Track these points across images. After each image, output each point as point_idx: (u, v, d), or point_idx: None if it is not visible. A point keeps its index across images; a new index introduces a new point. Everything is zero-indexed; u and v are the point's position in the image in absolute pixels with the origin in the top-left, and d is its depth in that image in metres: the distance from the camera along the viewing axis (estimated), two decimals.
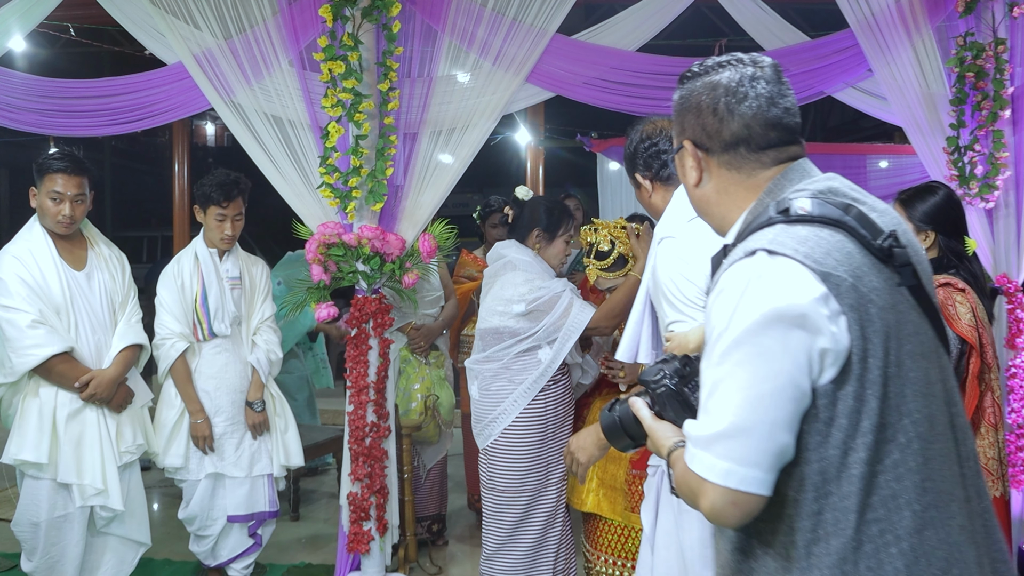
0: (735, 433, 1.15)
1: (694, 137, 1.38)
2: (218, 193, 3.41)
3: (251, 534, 3.59)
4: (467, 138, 3.53)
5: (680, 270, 2.03)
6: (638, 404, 1.44)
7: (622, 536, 3.07)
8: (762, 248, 1.19)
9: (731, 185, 1.37)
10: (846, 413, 1.15)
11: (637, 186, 2.35)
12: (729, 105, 1.33)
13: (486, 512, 3.22)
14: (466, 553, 4.22)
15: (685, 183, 1.44)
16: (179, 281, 3.42)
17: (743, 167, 1.35)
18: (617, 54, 3.61)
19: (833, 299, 1.14)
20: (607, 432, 1.53)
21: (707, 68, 1.38)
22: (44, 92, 3.80)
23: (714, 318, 1.21)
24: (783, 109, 1.34)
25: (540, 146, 6.33)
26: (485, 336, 3.19)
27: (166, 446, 3.41)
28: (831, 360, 1.14)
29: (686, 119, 1.39)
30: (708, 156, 1.37)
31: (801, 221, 1.21)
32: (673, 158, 2.27)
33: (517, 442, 3.10)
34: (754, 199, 1.34)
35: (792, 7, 3.96)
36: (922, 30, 3.54)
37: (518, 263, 3.17)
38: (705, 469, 1.17)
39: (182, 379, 3.41)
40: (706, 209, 1.43)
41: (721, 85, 1.34)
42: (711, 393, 1.19)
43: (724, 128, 1.34)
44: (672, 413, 1.37)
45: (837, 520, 1.15)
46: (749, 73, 1.34)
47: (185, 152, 6.58)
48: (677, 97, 1.42)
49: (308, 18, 3.39)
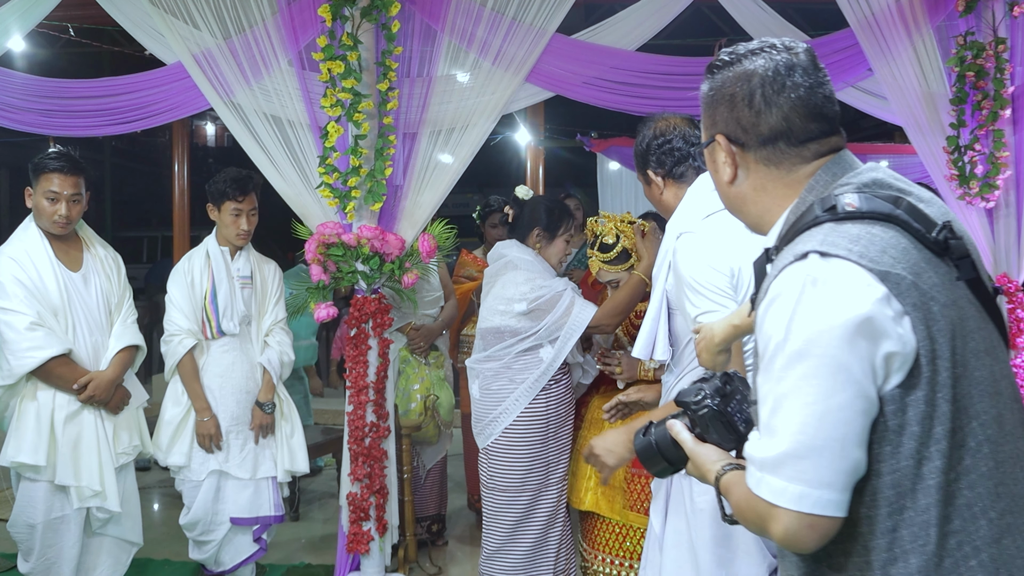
0: (805, 453, 1.07)
1: (727, 131, 1.29)
2: (233, 188, 3.40)
3: (256, 539, 3.57)
4: (466, 138, 3.52)
5: (706, 261, 2.02)
6: (677, 427, 1.35)
7: (620, 535, 3.06)
8: (813, 250, 1.11)
9: (769, 182, 1.28)
10: (918, 419, 1.08)
11: (647, 183, 2.33)
12: (766, 96, 1.24)
13: (486, 512, 3.22)
14: (466, 553, 4.21)
15: (717, 180, 1.36)
16: (189, 278, 3.41)
17: (782, 162, 1.26)
18: (617, 53, 3.60)
19: (895, 299, 1.07)
20: (642, 456, 1.43)
21: (738, 56, 1.29)
22: (44, 92, 3.80)
23: (768, 328, 1.13)
24: (823, 97, 1.25)
25: (540, 146, 6.33)
26: (486, 336, 3.19)
27: (169, 444, 3.38)
28: (898, 364, 1.07)
29: (718, 112, 1.30)
30: (743, 151, 1.28)
31: (850, 218, 1.14)
32: (691, 154, 2.30)
33: (518, 441, 3.10)
34: (795, 196, 1.26)
35: (792, 7, 3.96)
36: (922, 29, 3.54)
37: (519, 262, 3.17)
38: (775, 494, 1.09)
39: (189, 376, 3.38)
40: (741, 207, 1.35)
41: (756, 75, 1.25)
42: (774, 410, 1.10)
43: (761, 122, 1.25)
44: (716, 435, 1.30)
45: (915, 536, 1.08)
46: (785, 60, 1.25)
47: (185, 152, 6.58)
48: (706, 88, 1.33)
49: (307, 18, 3.39)
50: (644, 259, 3.06)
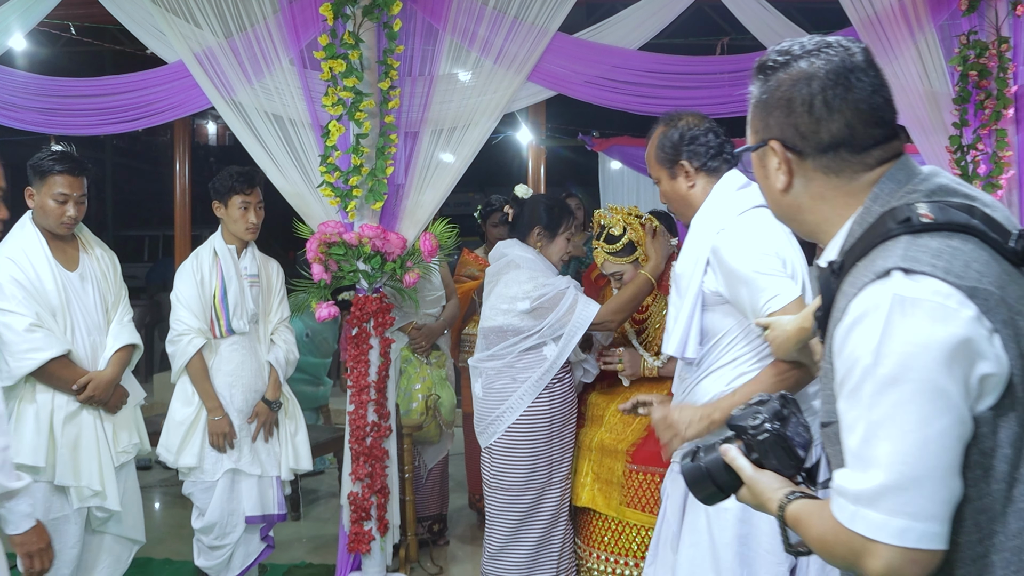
0: (907, 484, 1.01)
1: (783, 137, 1.22)
2: (240, 182, 3.38)
3: (263, 537, 3.55)
4: (468, 137, 3.52)
5: (758, 249, 2.07)
6: (732, 453, 1.29)
7: (615, 532, 3.06)
8: (896, 267, 1.05)
9: (829, 190, 1.21)
10: (1010, 441, 1.03)
11: (673, 176, 2.32)
12: (827, 101, 1.17)
13: (489, 511, 3.21)
14: (467, 553, 4.21)
15: (767, 186, 1.29)
16: (199, 276, 3.37)
17: (843, 171, 1.19)
18: (619, 52, 3.60)
19: (984, 317, 1.01)
20: (690, 482, 1.36)
21: (794, 56, 1.21)
22: (45, 91, 3.79)
23: (852, 351, 1.06)
24: (884, 100, 1.18)
25: (541, 145, 6.33)
26: (489, 335, 3.19)
27: (180, 446, 3.33)
28: (992, 385, 1.02)
29: (772, 116, 1.23)
30: (800, 159, 1.21)
31: (926, 230, 1.07)
32: (723, 149, 2.29)
33: (521, 440, 3.10)
34: (857, 205, 1.19)
35: (794, 6, 3.94)
36: (925, 28, 3.53)
37: (521, 261, 3.17)
38: (874, 529, 1.02)
39: (200, 376, 3.34)
40: (795, 216, 1.28)
41: (816, 78, 1.18)
42: (867, 440, 1.04)
43: (822, 129, 1.18)
44: (775, 461, 1.25)
45: (1007, 562, 1.04)
46: (845, 61, 1.17)
47: (186, 151, 6.57)
48: (758, 90, 1.25)
49: (309, 16, 3.38)
50: (651, 259, 3.06)
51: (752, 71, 1.28)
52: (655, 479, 3.00)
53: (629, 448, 3.05)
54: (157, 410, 3.50)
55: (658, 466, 3.00)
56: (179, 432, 3.34)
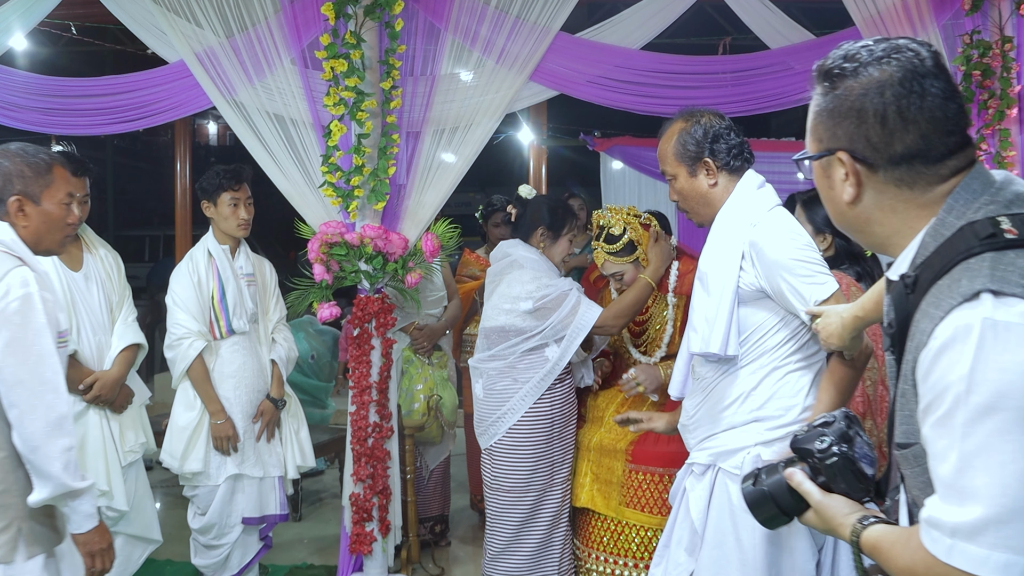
0: (1008, 518, 0.97)
1: (852, 148, 1.16)
2: (228, 179, 3.37)
3: (262, 537, 3.55)
4: (470, 137, 3.51)
5: (799, 240, 2.12)
6: (799, 477, 1.26)
7: (615, 533, 3.05)
8: (985, 289, 1.01)
9: (900, 203, 1.16)
10: None
11: (693, 173, 2.30)
12: (902, 112, 1.11)
13: (490, 513, 3.20)
14: (469, 554, 4.20)
15: (830, 197, 1.23)
16: (195, 278, 3.35)
17: (917, 183, 1.14)
18: (621, 52, 3.59)
19: None
20: (752, 506, 1.33)
21: (863, 63, 1.15)
22: (45, 91, 3.79)
23: (943, 377, 1.02)
24: (958, 106, 1.13)
25: (543, 145, 6.31)
26: (490, 335, 3.18)
27: (185, 451, 3.31)
28: None
29: (840, 126, 1.17)
30: (871, 171, 1.16)
31: (1011, 247, 1.03)
32: (743, 148, 2.28)
33: (522, 441, 3.09)
34: (930, 216, 1.14)
35: (795, 6, 3.94)
36: (928, 28, 3.52)
37: (524, 261, 3.16)
38: (975, 564, 0.99)
39: (202, 379, 3.32)
40: (862, 228, 1.22)
41: (889, 86, 1.12)
42: (962, 470, 1.00)
43: (896, 140, 1.12)
44: (845, 485, 1.22)
45: None
46: (917, 68, 1.12)
47: (187, 151, 6.57)
48: (824, 98, 1.19)
49: (310, 16, 3.37)
50: (652, 263, 3.06)
51: (814, 76, 1.22)
52: (654, 478, 2.99)
53: (628, 447, 3.04)
54: (158, 410, 3.48)
55: (657, 465, 3.00)
56: (183, 437, 3.32)
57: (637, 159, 6.30)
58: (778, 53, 3.69)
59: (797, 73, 3.67)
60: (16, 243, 2.08)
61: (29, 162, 2.14)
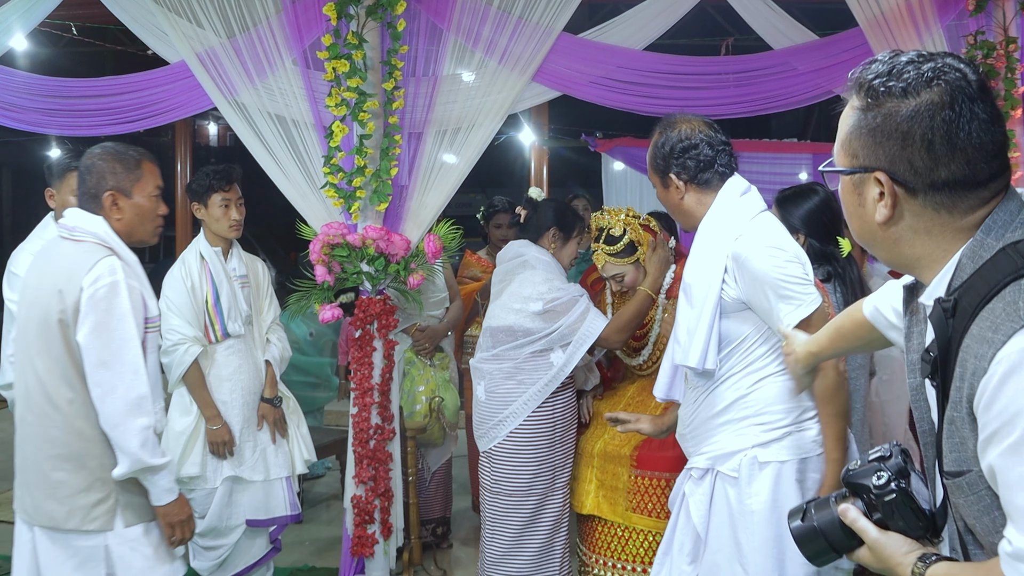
0: None
1: (892, 170, 1.12)
2: (218, 179, 3.34)
3: (272, 540, 3.53)
4: (472, 138, 3.50)
5: (783, 254, 2.10)
6: (853, 514, 1.21)
7: (622, 538, 3.04)
8: None
9: (936, 226, 1.13)
10: None
11: (665, 186, 2.31)
12: (950, 139, 1.08)
13: (490, 516, 3.18)
14: (470, 556, 4.19)
15: (860, 215, 1.20)
16: (189, 282, 3.33)
17: (957, 207, 1.11)
18: (624, 53, 3.58)
19: None
20: (800, 542, 1.28)
21: (910, 83, 1.11)
22: (46, 91, 3.78)
23: (1012, 403, 0.99)
24: (1001, 130, 1.11)
25: (544, 146, 6.30)
26: (496, 334, 3.16)
27: (182, 456, 3.29)
28: None
29: (883, 146, 1.12)
30: (909, 195, 1.12)
31: None
32: (715, 160, 2.26)
33: (524, 445, 3.08)
34: (966, 239, 1.12)
35: (798, 6, 3.92)
36: (932, 29, 3.51)
37: (536, 262, 3.16)
38: None
39: (198, 384, 3.30)
40: (890, 248, 1.19)
41: (939, 113, 1.08)
42: None
43: (940, 167, 1.09)
44: (903, 523, 1.18)
45: None
46: (965, 91, 1.09)
47: (187, 152, 6.55)
48: (868, 115, 1.14)
49: (312, 16, 3.37)
50: (650, 274, 3.05)
51: (851, 87, 1.18)
52: (660, 483, 2.98)
53: (633, 453, 3.03)
54: None
55: (663, 470, 2.98)
56: (179, 442, 3.30)
57: (638, 160, 6.29)
58: (781, 54, 3.68)
59: (800, 74, 3.66)
60: (108, 235, 2.26)
61: (120, 159, 2.32)
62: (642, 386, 3.21)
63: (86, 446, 2.21)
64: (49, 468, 2.22)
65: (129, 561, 2.25)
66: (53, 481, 2.22)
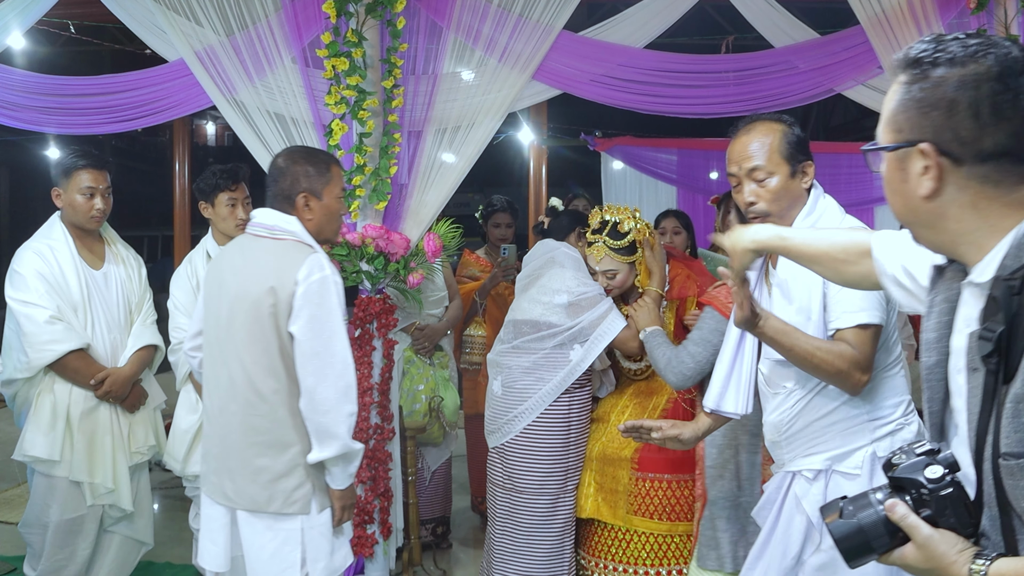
0: None
1: (938, 141, 1.12)
2: (225, 179, 3.35)
3: None
4: (472, 136, 3.49)
5: None
6: (902, 510, 1.16)
7: (623, 541, 3.02)
8: None
9: (983, 200, 1.13)
10: None
11: (794, 173, 2.20)
12: (997, 108, 1.08)
13: (501, 512, 3.16)
14: (470, 556, 4.18)
15: (903, 191, 1.19)
16: (194, 281, 3.32)
17: (1003, 181, 1.11)
18: (625, 51, 3.57)
19: None
20: (840, 539, 1.22)
21: (956, 55, 1.12)
22: (44, 89, 3.77)
23: None
24: None
25: (543, 145, 6.29)
26: (520, 326, 3.15)
27: (188, 453, 3.28)
28: None
29: (929, 116, 1.13)
30: (955, 166, 1.12)
31: None
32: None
33: (539, 441, 3.07)
34: (1015, 214, 1.11)
35: (798, 5, 3.91)
36: (933, 27, 3.50)
37: (565, 260, 3.18)
38: None
39: None
40: (933, 224, 1.18)
41: (986, 80, 1.09)
42: None
43: (986, 136, 1.09)
44: (955, 519, 1.13)
45: None
46: (1014, 64, 1.09)
47: (186, 151, 6.53)
48: (913, 87, 1.15)
49: (311, 14, 3.35)
50: (655, 274, 3.03)
51: (896, 65, 1.19)
52: (662, 485, 2.97)
53: (634, 455, 3.01)
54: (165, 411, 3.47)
55: (664, 472, 2.97)
56: (185, 440, 3.30)
57: (638, 159, 6.29)
58: (782, 52, 3.68)
59: (801, 72, 3.65)
60: (304, 234, 2.35)
61: (312, 162, 2.39)
62: (637, 389, 3.19)
63: (288, 433, 2.30)
64: (253, 455, 2.30)
65: (319, 544, 2.34)
66: (256, 467, 2.30)
